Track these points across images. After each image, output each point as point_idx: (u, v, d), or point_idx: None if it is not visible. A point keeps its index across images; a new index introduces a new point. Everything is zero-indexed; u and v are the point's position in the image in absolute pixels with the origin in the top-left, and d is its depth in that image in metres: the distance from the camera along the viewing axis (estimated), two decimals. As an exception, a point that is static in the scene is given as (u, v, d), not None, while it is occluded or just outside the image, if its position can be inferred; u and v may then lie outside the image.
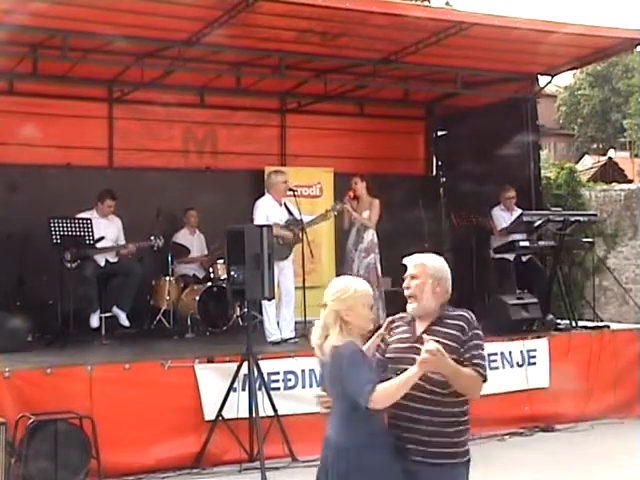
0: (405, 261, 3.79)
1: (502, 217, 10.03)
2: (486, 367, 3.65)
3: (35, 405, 6.40)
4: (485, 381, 3.62)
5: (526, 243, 9.53)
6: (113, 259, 9.08)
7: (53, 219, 8.52)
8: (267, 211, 8.57)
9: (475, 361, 3.58)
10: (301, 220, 8.67)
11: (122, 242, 9.11)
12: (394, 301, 9.22)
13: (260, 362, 7.03)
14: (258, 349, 7.30)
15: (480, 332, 3.67)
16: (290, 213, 8.75)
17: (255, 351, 7.04)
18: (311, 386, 7.47)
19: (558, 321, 9.44)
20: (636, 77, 32.96)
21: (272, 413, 6.95)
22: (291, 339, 8.51)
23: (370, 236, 9.10)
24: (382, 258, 9.15)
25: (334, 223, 10.12)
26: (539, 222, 9.36)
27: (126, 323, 8.92)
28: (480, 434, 7.72)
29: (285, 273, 8.66)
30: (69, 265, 8.49)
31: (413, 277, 3.70)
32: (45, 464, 6.12)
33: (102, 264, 8.98)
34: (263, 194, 8.88)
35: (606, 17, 60.50)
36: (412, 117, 12.67)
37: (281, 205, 8.76)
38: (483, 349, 3.66)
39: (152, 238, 9.06)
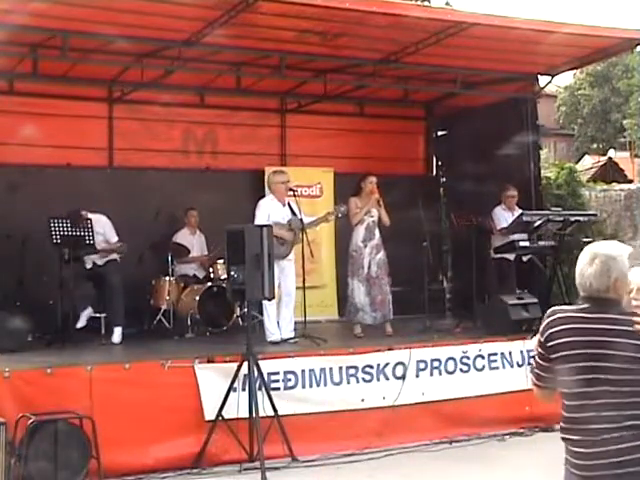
0: None
1: (503, 217, 10.04)
2: None
3: (35, 405, 6.39)
4: None
5: (526, 243, 9.53)
6: (99, 261, 9.03)
7: (53, 219, 8.52)
8: (269, 211, 8.55)
9: None
10: (301, 220, 8.66)
11: (115, 239, 9.04)
12: (394, 300, 9.27)
13: (260, 362, 7.02)
14: (258, 349, 7.30)
15: None
16: (293, 213, 8.73)
17: (255, 351, 7.04)
18: (311, 386, 7.49)
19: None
20: (636, 77, 32.98)
21: (272, 413, 6.94)
22: (291, 339, 8.51)
23: (379, 233, 9.10)
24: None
25: (334, 223, 10.12)
26: (539, 222, 9.36)
27: (117, 340, 8.65)
28: (480, 434, 7.73)
29: (286, 273, 8.65)
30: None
31: None
32: (45, 464, 6.12)
33: (89, 266, 8.99)
34: (263, 194, 8.87)
35: (606, 17, 60.48)
36: (412, 117, 12.67)
37: (284, 205, 8.74)
38: None
39: (120, 244, 8.98)
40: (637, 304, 3.59)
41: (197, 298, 9.44)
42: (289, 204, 8.77)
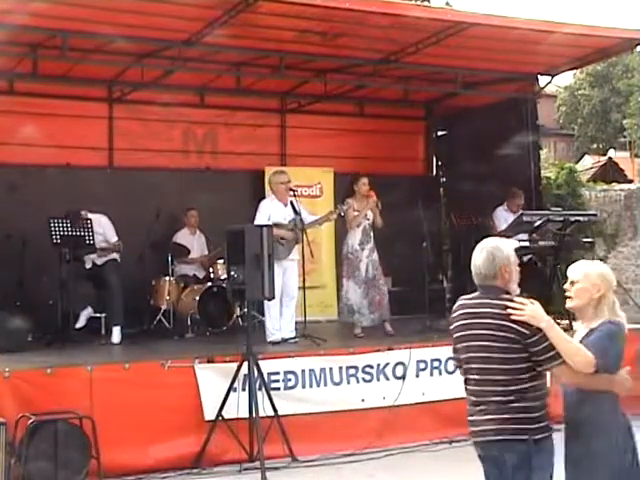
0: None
1: (503, 217, 10.03)
2: None
3: (35, 405, 6.39)
4: None
5: (526, 243, 9.52)
6: (99, 261, 9.04)
7: (53, 219, 8.52)
8: (270, 212, 8.54)
9: None
10: (301, 220, 8.65)
11: (114, 239, 9.05)
12: (394, 300, 9.27)
13: (260, 362, 7.02)
14: (258, 349, 7.29)
15: None
16: (296, 213, 8.71)
17: (255, 351, 7.04)
18: (311, 386, 7.48)
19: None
20: (636, 77, 33.00)
21: (272, 413, 6.94)
22: (291, 339, 8.51)
23: (372, 235, 9.09)
24: (382, 258, 9.14)
25: (335, 223, 10.12)
26: (539, 222, 9.34)
27: (116, 340, 8.65)
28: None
29: (289, 274, 8.65)
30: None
31: None
32: (45, 464, 6.11)
33: (88, 266, 8.99)
34: (263, 194, 8.86)
35: (606, 17, 60.51)
36: (412, 117, 12.67)
37: (286, 205, 8.72)
38: None
39: (118, 243, 9.01)
40: (569, 294, 4.02)
41: (197, 298, 9.44)
42: (292, 203, 8.75)
